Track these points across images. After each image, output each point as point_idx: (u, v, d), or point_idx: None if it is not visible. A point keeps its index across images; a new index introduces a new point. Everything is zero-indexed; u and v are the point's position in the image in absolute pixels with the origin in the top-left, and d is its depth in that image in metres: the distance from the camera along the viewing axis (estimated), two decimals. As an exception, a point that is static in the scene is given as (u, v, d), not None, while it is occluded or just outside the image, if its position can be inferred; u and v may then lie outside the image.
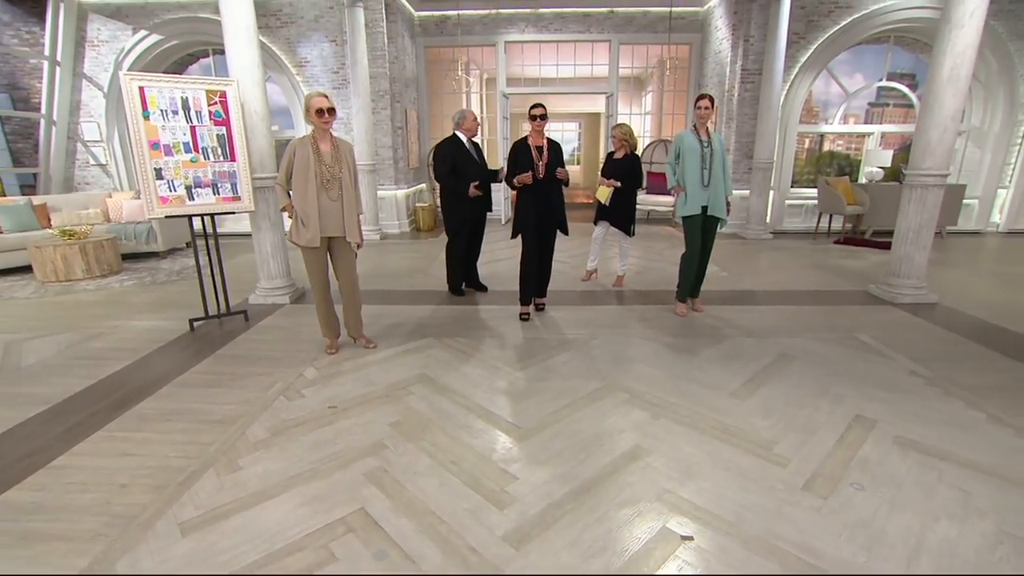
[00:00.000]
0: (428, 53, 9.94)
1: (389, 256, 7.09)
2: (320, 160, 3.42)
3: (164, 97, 3.92)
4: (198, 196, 4.16)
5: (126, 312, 4.79)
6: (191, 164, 4.09)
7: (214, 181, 4.22)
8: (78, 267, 5.96)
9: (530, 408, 2.94)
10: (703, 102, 4.14)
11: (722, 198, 4.29)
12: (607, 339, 3.98)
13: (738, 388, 3.17)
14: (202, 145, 4.12)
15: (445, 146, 4.83)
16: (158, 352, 3.84)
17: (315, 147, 3.42)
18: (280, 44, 8.43)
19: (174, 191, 4.05)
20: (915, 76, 8.83)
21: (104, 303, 5.10)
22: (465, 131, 4.86)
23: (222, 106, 4.18)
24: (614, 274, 5.68)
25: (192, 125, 4.06)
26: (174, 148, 4.01)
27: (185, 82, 4.03)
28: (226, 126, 4.22)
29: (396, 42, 8.45)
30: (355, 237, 3.56)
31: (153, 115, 3.89)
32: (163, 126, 3.94)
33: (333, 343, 3.79)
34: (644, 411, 2.90)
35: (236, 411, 2.94)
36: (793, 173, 8.96)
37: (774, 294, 5.21)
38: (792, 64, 8.26)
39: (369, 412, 2.92)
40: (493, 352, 3.76)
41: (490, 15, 9.47)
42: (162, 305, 5.00)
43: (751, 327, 4.24)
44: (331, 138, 3.50)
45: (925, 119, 4.60)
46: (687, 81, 9.87)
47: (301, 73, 8.55)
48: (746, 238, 8.32)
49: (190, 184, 4.10)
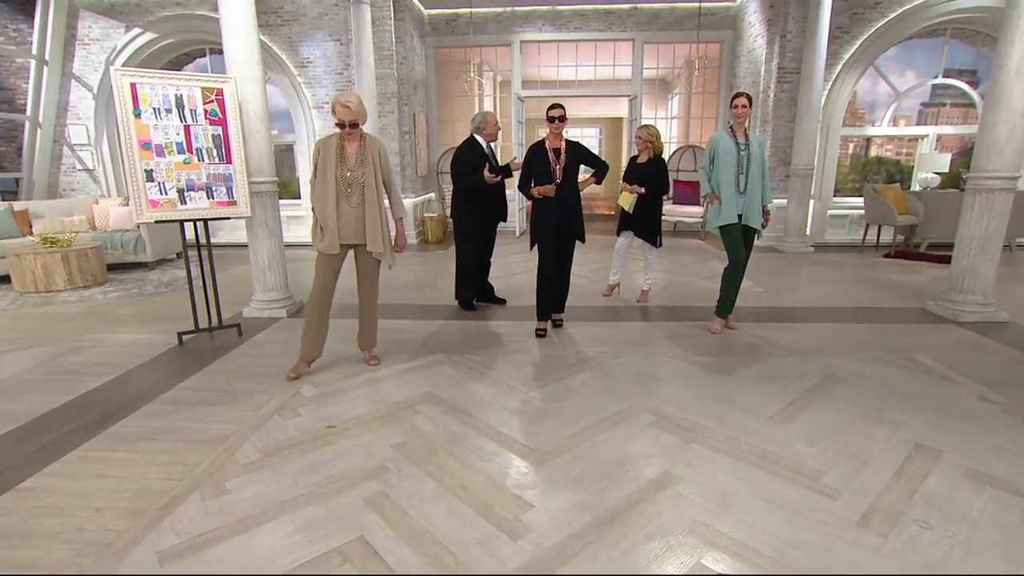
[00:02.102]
0: (438, 53, 10.12)
1: (395, 268, 7.05)
2: (343, 163, 3.43)
3: (157, 94, 4.01)
4: (191, 200, 4.22)
5: (109, 325, 4.85)
6: (184, 166, 4.16)
7: (208, 184, 4.28)
8: (59, 277, 6.06)
9: (547, 430, 2.91)
10: (740, 100, 4.14)
11: (758, 207, 4.26)
12: (631, 357, 3.95)
13: (778, 412, 3.11)
14: (196, 146, 4.19)
15: (467, 148, 4.90)
16: (143, 367, 3.86)
17: (340, 148, 3.44)
18: (281, 43, 8.63)
19: (165, 194, 4.11)
20: (976, 72, 8.72)
21: (86, 315, 5.17)
22: (486, 136, 4.92)
23: (218, 105, 4.26)
24: (638, 289, 5.66)
25: (186, 124, 4.14)
26: (166, 148, 4.08)
27: (179, 79, 4.12)
28: (222, 126, 4.30)
29: (404, 41, 8.62)
30: (377, 246, 3.54)
31: (145, 113, 3.98)
32: (155, 125, 4.02)
33: (301, 367, 3.65)
34: (673, 435, 2.85)
35: (225, 430, 2.93)
36: (836, 181, 8.91)
37: (817, 311, 5.14)
38: (834, 62, 8.26)
39: (371, 432, 2.90)
40: (506, 370, 3.74)
41: (505, 13, 9.63)
42: (149, 318, 5.05)
43: (791, 346, 4.18)
44: (359, 138, 3.50)
45: (991, 115, 4.53)
46: (717, 82, 9.92)
47: (303, 74, 8.74)
48: (784, 251, 8.27)
49: (183, 187, 4.17)
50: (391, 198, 3.66)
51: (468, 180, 4.83)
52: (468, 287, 5.17)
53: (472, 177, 4.79)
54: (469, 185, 4.83)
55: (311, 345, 3.67)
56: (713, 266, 7.11)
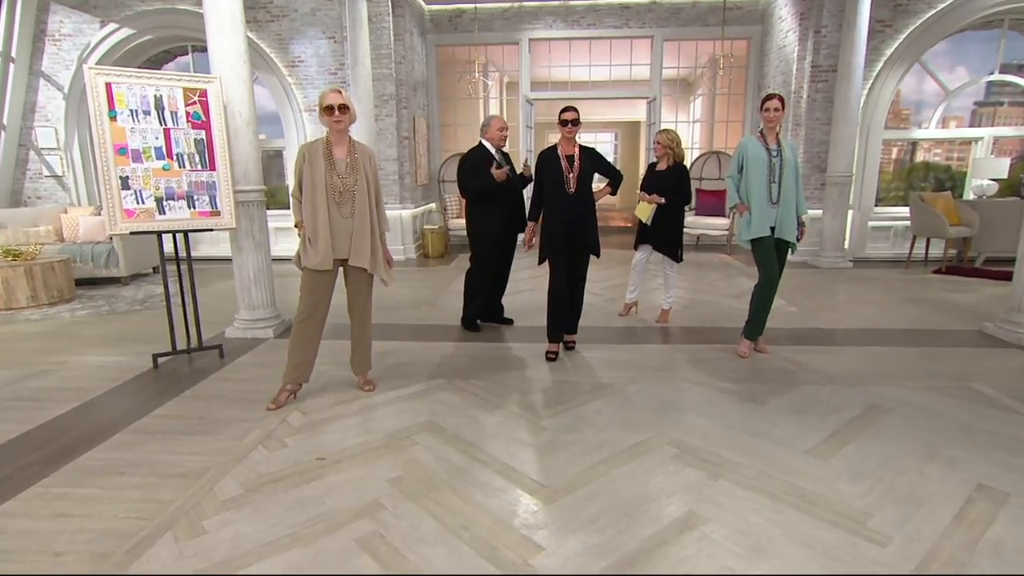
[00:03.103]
0: (440, 52, 10.27)
1: (392, 285, 7.13)
2: (332, 168, 3.47)
3: (134, 95, 4.08)
4: (170, 210, 4.27)
5: (76, 346, 4.88)
6: (163, 173, 4.22)
7: (189, 193, 4.34)
8: (22, 293, 6.12)
9: (558, 464, 2.90)
10: (772, 102, 4.17)
11: (792, 218, 4.28)
12: (650, 383, 3.95)
13: (817, 445, 3.09)
14: (177, 151, 4.25)
15: (472, 156, 4.97)
16: (112, 392, 3.87)
17: (328, 152, 3.48)
18: (270, 40, 8.79)
19: (142, 203, 4.16)
20: (1039, 66, 8.66)
21: (50, 335, 5.21)
22: (489, 139, 4.98)
23: (201, 107, 4.33)
24: (657, 308, 5.67)
25: (166, 128, 4.20)
26: (144, 154, 4.14)
27: (159, 78, 4.20)
28: (206, 130, 4.37)
29: (403, 39, 8.76)
30: (365, 263, 3.57)
31: (121, 115, 4.04)
32: (132, 128, 4.09)
33: (283, 396, 3.61)
34: (698, 470, 2.83)
35: (203, 463, 2.93)
36: (878, 189, 8.92)
37: (858, 333, 5.12)
38: (875, 58, 8.32)
39: (364, 465, 2.89)
40: (514, 397, 3.74)
41: (512, 8, 9.78)
42: (120, 338, 5.08)
43: (830, 372, 4.16)
44: (348, 142, 3.55)
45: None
46: (744, 82, 10.01)
47: (293, 74, 8.88)
48: (819, 267, 8.27)
49: (161, 196, 4.22)
50: (377, 211, 3.68)
51: (473, 183, 4.87)
52: (472, 303, 5.20)
53: (477, 180, 4.84)
54: (477, 189, 4.87)
55: (296, 371, 3.65)
56: (740, 283, 7.10)
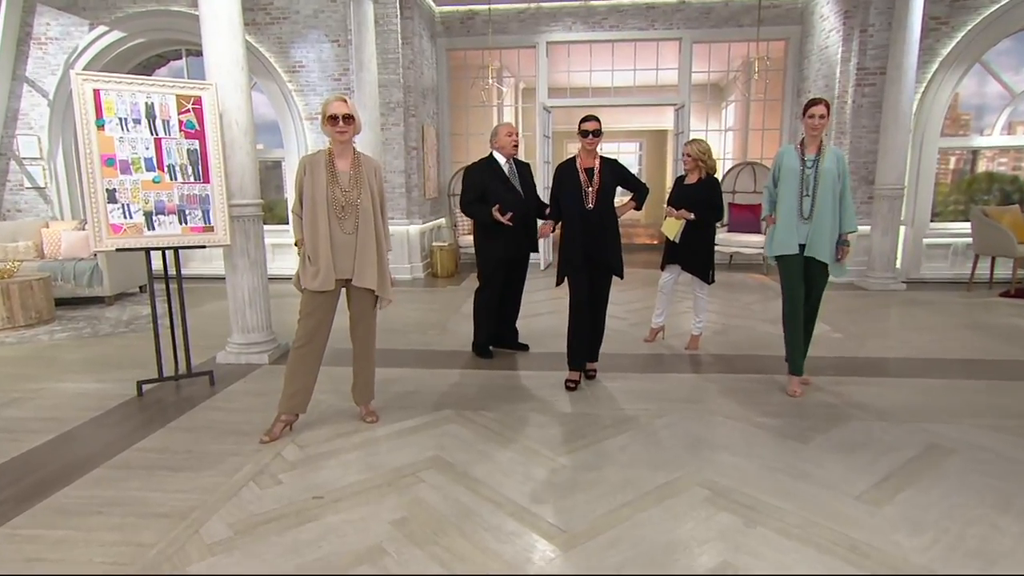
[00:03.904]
0: (452, 57, 10.40)
1: (398, 307, 7.16)
2: (335, 181, 3.50)
3: (124, 102, 4.15)
4: (160, 225, 4.31)
5: (55, 372, 4.92)
6: (153, 185, 4.27)
7: (181, 207, 4.38)
8: (-3, 314, 6.18)
9: (578, 506, 2.87)
10: (817, 108, 4.10)
11: (826, 236, 4.16)
12: (679, 417, 3.92)
13: (868, 490, 3.02)
14: (168, 162, 4.31)
15: (475, 169, 5.03)
16: (92, 423, 3.88)
17: (330, 165, 3.52)
18: (270, 44, 8.95)
19: (130, 218, 4.21)
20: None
21: (27, 360, 5.25)
22: (499, 148, 5.01)
23: (196, 115, 4.40)
24: (686, 333, 5.64)
25: (157, 137, 4.27)
26: (133, 165, 4.20)
27: (151, 84, 4.28)
28: (200, 139, 4.43)
29: (412, 43, 8.88)
30: (370, 283, 3.58)
31: (109, 124, 4.11)
32: (121, 138, 4.15)
33: (278, 427, 3.60)
34: (733, 515, 2.78)
35: (190, 501, 2.92)
36: (933, 202, 8.83)
37: (914, 363, 5.04)
38: (929, 59, 8.26)
39: (365, 505, 2.87)
40: (529, 431, 3.72)
41: (529, 9, 9.91)
42: (103, 364, 5.11)
43: (882, 407, 4.09)
44: (352, 154, 3.59)
45: None
46: (782, 87, 10.03)
47: (294, 80, 9.02)
48: (868, 289, 8.18)
49: (150, 210, 4.27)
50: (378, 230, 3.69)
51: (469, 209, 4.95)
52: (481, 328, 5.21)
53: (473, 208, 4.91)
54: (473, 216, 4.97)
55: (292, 400, 3.65)
56: (778, 306, 6.84)
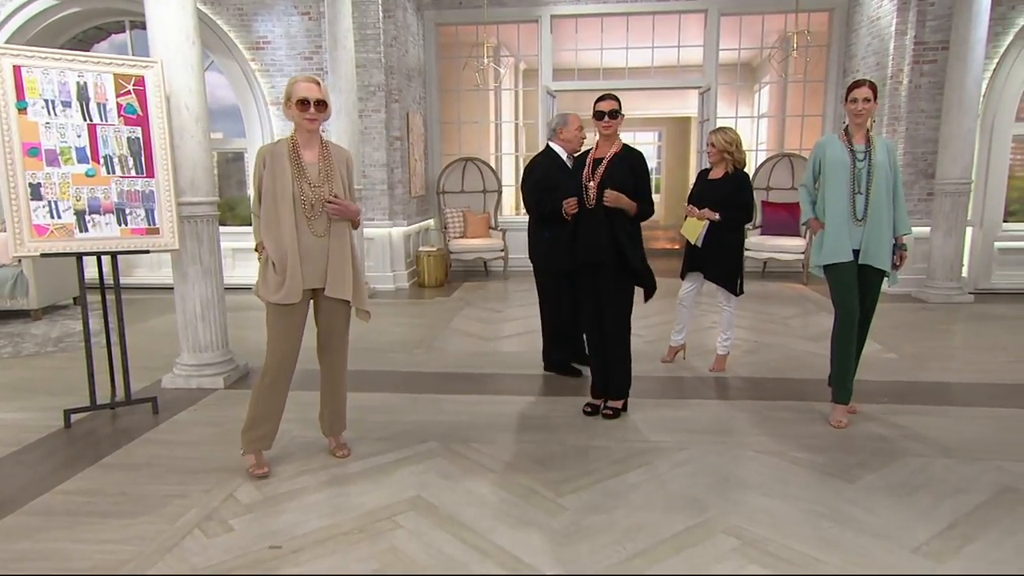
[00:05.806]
0: (442, 33, 10.42)
1: (378, 322, 7.08)
2: (302, 175, 3.45)
3: (51, 81, 4.10)
4: (94, 227, 4.28)
5: (-32, 398, 4.89)
6: (86, 179, 4.23)
7: (120, 205, 4.35)
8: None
9: (581, 556, 2.83)
10: (860, 91, 4.08)
11: (886, 240, 4.15)
12: (702, 451, 3.89)
13: (930, 540, 2.96)
14: (105, 152, 4.28)
15: (544, 159, 5.09)
16: (8, 461, 3.83)
17: (295, 156, 3.47)
18: (228, 17, 8.98)
19: (57, 218, 4.16)
20: None
21: (-64, 385, 5.23)
22: (564, 142, 5.03)
23: (138, 97, 4.38)
24: (711, 353, 5.63)
25: (91, 123, 4.23)
26: (62, 155, 4.15)
27: (84, 61, 4.24)
28: (143, 126, 4.41)
29: (395, 16, 8.89)
30: (346, 293, 3.55)
31: (33, 107, 4.05)
32: (47, 123, 4.10)
33: (261, 459, 3.59)
34: (766, 568, 2.74)
35: (121, 554, 2.86)
36: (1007, 200, 8.82)
37: (982, 389, 5.01)
38: (1001, 31, 8.21)
39: (331, 556, 2.83)
40: (524, 465, 3.71)
41: (530, -22, 9.89)
42: (25, 389, 5.09)
43: (944, 441, 4.03)
44: (320, 144, 3.56)
45: None
46: (825, 66, 10.03)
47: (258, 58, 9.05)
48: (927, 301, 8.16)
49: (83, 208, 4.23)
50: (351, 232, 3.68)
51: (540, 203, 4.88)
52: (559, 347, 5.28)
53: (540, 196, 4.87)
54: (544, 210, 4.85)
55: (259, 442, 3.59)
56: (820, 321, 6.99)
